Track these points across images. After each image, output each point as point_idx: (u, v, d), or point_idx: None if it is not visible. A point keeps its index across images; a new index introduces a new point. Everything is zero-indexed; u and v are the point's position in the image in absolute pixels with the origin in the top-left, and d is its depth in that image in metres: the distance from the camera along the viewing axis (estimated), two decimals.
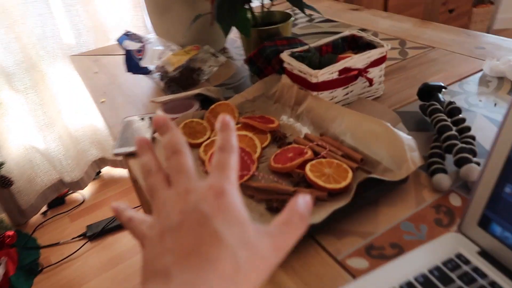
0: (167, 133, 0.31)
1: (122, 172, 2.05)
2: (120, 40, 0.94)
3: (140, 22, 1.76)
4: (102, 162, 2.01)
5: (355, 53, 0.78)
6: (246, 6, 0.84)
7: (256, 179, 0.60)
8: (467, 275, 0.41)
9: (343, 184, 0.54)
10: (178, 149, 0.30)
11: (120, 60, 1.14)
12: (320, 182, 0.54)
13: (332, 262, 0.46)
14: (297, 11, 1.34)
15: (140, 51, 0.90)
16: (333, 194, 0.54)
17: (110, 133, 0.80)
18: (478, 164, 0.52)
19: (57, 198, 1.92)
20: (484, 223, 0.43)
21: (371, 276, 0.43)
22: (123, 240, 1.66)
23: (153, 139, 0.73)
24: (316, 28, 1.18)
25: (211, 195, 0.26)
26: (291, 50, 0.75)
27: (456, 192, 0.53)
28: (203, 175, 0.61)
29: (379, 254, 0.46)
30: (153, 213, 0.28)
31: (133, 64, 0.89)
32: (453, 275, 0.41)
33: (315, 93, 0.70)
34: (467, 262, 0.42)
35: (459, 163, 0.52)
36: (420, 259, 0.43)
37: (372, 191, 0.52)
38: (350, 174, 0.55)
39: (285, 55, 0.74)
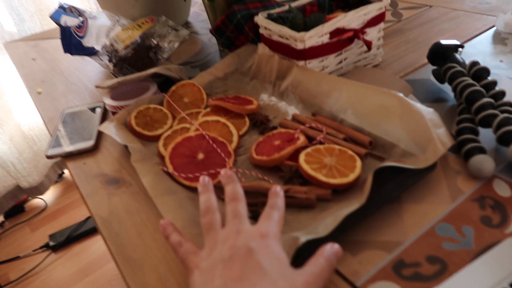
0: (230, 184, 0.37)
1: None
2: (55, 16, 0.77)
3: (92, 3, 1.56)
4: (64, 163, 1.81)
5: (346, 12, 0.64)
6: None
7: None
8: None
9: (352, 177, 0.40)
10: (236, 197, 0.35)
11: None
12: (321, 177, 0.40)
13: None
14: None
15: (81, 27, 0.73)
16: (339, 191, 0.40)
17: (47, 130, 0.63)
18: None
19: (15, 206, 1.72)
20: None
21: None
22: (92, 248, 1.50)
23: (99, 132, 0.57)
24: None
25: (258, 236, 0.31)
26: (267, 12, 0.60)
27: (501, 177, 0.40)
28: None
29: (413, 274, 0.33)
30: (206, 246, 0.32)
31: (73, 43, 0.72)
32: None
33: (301, 62, 0.55)
34: None
35: (505, 139, 0.39)
36: (479, 281, 0.30)
37: (391, 185, 0.38)
38: (359, 163, 0.41)
39: (260, 18, 0.59)
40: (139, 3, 0.84)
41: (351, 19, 0.55)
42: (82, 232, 1.54)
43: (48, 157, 0.54)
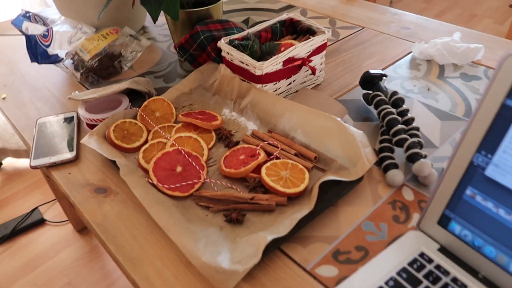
0: None
1: (27, 162, 1.82)
2: (16, 22, 0.79)
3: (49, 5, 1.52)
4: (2, 153, 1.76)
5: (294, 39, 0.75)
6: None
7: (209, 186, 0.55)
8: (431, 274, 0.42)
9: (302, 187, 0.52)
10: None
11: (18, 43, 0.96)
12: (279, 188, 0.51)
13: (301, 272, 0.45)
14: None
15: (46, 35, 0.77)
16: (293, 198, 0.52)
17: (20, 138, 0.67)
18: (425, 156, 0.54)
19: None
20: (444, 222, 0.44)
21: (344, 286, 0.42)
22: (40, 240, 1.50)
23: (79, 143, 0.64)
24: (241, 3, 1.12)
25: None
26: (229, 37, 0.69)
27: (408, 185, 0.54)
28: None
29: (346, 259, 0.46)
30: None
31: (39, 52, 0.75)
32: (419, 276, 0.42)
33: (259, 85, 0.66)
34: (430, 260, 0.44)
35: (411, 158, 0.54)
36: (388, 262, 0.44)
37: (331, 193, 0.51)
38: (307, 175, 0.53)
39: (223, 44, 0.68)
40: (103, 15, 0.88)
41: (300, 49, 0.66)
42: (29, 224, 1.53)
43: (33, 167, 0.59)
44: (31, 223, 1.53)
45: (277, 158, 0.57)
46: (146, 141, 0.62)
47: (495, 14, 2.79)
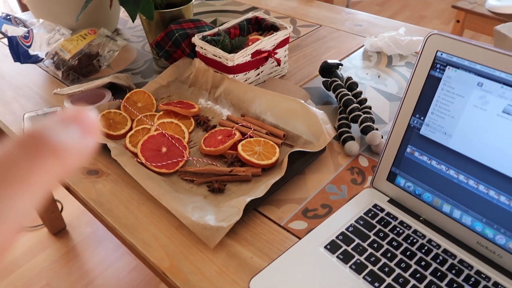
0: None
1: None
2: None
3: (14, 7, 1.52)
4: None
5: (260, 35, 0.84)
6: None
7: (192, 164, 0.62)
8: (383, 219, 0.51)
9: (274, 159, 0.60)
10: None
11: None
12: (254, 160, 0.59)
13: (277, 228, 0.53)
14: None
15: (27, 37, 0.81)
16: (266, 169, 0.60)
17: (8, 133, 0.72)
18: (377, 129, 0.64)
19: None
20: (391, 177, 0.54)
21: (312, 234, 0.50)
22: (15, 244, 1.50)
23: None
24: (209, 6, 1.20)
25: None
26: (201, 34, 0.77)
27: (363, 154, 0.64)
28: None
29: (314, 215, 0.54)
30: None
31: (21, 52, 0.79)
32: (373, 222, 0.51)
33: (231, 75, 0.73)
34: (381, 210, 0.53)
35: (364, 131, 0.63)
36: (348, 214, 0.53)
37: (299, 163, 0.59)
38: (278, 150, 0.62)
39: (197, 40, 0.75)
40: (76, 13, 0.93)
41: (266, 43, 0.75)
42: None
43: None
44: None
45: (251, 137, 0.65)
46: (131, 129, 0.68)
47: (442, 15, 3.01)
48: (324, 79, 0.78)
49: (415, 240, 0.48)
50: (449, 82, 0.46)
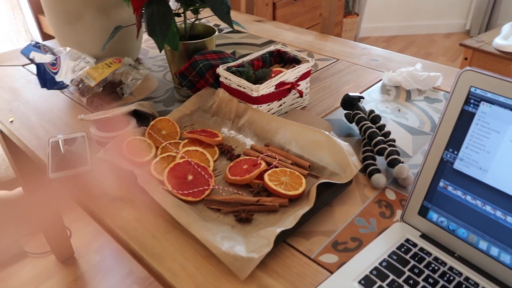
0: None
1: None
2: (25, 51, 0.85)
3: (20, 26, 1.57)
4: None
5: (282, 67, 0.86)
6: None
7: (217, 192, 0.62)
8: (417, 255, 0.50)
9: (301, 190, 0.60)
10: None
11: (15, 72, 1.01)
12: (281, 190, 0.59)
13: (307, 260, 0.51)
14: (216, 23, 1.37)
15: (55, 64, 0.83)
16: (293, 200, 0.60)
17: (32, 157, 0.72)
18: (402, 162, 0.64)
19: None
20: (423, 212, 0.53)
21: (344, 268, 0.49)
22: (21, 272, 1.47)
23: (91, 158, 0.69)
24: (227, 38, 1.23)
25: None
26: (226, 65, 0.78)
27: (389, 187, 0.63)
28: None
29: (344, 248, 0.53)
30: None
31: (49, 79, 0.81)
32: (406, 257, 0.50)
33: (255, 106, 0.74)
34: (414, 245, 0.52)
35: (391, 164, 0.63)
36: (379, 248, 0.52)
37: (326, 194, 0.59)
38: (304, 180, 0.61)
39: (222, 70, 0.76)
40: (101, 42, 0.96)
41: (290, 75, 0.76)
42: (12, 256, 1.50)
43: (52, 179, 0.64)
44: (14, 255, 1.50)
45: (276, 167, 0.64)
46: (155, 156, 0.68)
47: (447, 53, 3.08)
48: (346, 111, 0.79)
49: (451, 278, 0.47)
50: (484, 117, 0.46)
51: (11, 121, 0.80)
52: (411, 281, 0.47)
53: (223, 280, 0.49)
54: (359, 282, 0.47)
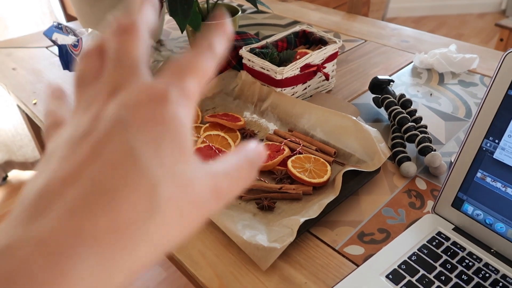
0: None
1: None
2: (48, 33, 0.84)
3: (44, 7, 1.57)
4: (8, 165, 1.78)
5: (307, 48, 0.82)
6: None
7: None
8: (449, 249, 0.47)
9: (326, 177, 0.57)
10: (131, 29, 0.19)
11: (39, 54, 1.02)
12: (305, 178, 0.56)
13: (332, 252, 0.49)
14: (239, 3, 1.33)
15: (76, 45, 0.82)
16: (317, 188, 0.57)
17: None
18: (435, 150, 0.60)
19: None
20: (457, 204, 0.50)
21: (371, 261, 0.47)
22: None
23: None
24: (250, 19, 1.19)
25: (145, 99, 0.17)
26: (249, 46, 0.75)
27: (420, 176, 0.60)
28: None
29: (370, 239, 0.51)
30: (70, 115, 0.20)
31: (71, 60, 0.80)
32: (438, 251, 0.47)
33: (278, 89, 0.71)
34: (447, 238, 0.49)
35: (423, 151, 0.59)
36: (409, 241, 0.49)
37: (352, 183, 0.56)
38: (329, 168, 0.59)
39: (245, 52, 0.74)
40: None
41: (315, 56, 0.73)
42: None
43: None
44: None
45: (300, 153, 0.62)
46: None
47: (480, 34, 2.93)
48: (374, 95, 0.75)
49: (487, 275, 0.44)
50: None
51: (35, 103, 0.81)
52: (443, 277, 0.44)
53: (244, 269, 0.47)
54: (387, 276, 0.45)
